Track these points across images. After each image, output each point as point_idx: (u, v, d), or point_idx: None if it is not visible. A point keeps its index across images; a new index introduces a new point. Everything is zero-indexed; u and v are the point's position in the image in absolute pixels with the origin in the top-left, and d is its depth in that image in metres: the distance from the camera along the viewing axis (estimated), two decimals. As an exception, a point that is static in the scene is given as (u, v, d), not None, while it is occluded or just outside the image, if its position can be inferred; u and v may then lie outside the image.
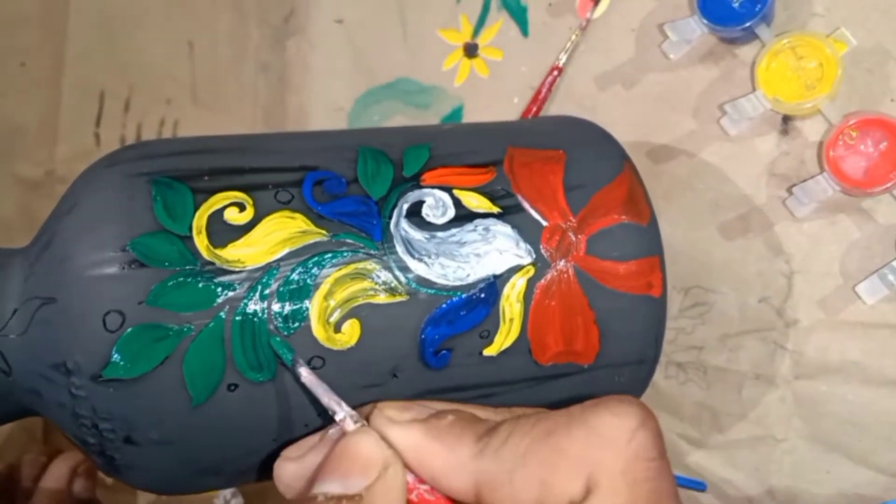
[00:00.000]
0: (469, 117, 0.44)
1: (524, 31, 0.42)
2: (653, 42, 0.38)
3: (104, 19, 0.56)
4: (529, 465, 0.20)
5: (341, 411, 0.22)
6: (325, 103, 0.48)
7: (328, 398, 0.22)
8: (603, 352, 0.27)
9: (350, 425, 0.22)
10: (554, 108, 0.41)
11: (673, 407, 0.37)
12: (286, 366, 0.23)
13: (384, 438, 0.22)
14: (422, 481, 0.22)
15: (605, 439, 0.20)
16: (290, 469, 0.22)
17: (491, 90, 0.43)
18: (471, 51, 0.43)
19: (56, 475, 0.46)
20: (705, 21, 0.34)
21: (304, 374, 0.22)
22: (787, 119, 0.34)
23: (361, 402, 0.24)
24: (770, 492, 0.35)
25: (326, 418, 0.24)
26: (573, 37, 0.40)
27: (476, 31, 0.43)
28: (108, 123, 0.56)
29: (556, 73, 0.40)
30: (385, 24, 0.45)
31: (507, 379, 0.26)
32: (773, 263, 0.34)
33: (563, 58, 0.40)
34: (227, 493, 0.44)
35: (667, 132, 0.38)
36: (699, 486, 0.37)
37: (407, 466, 0.22)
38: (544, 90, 0.40)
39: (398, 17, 0.45)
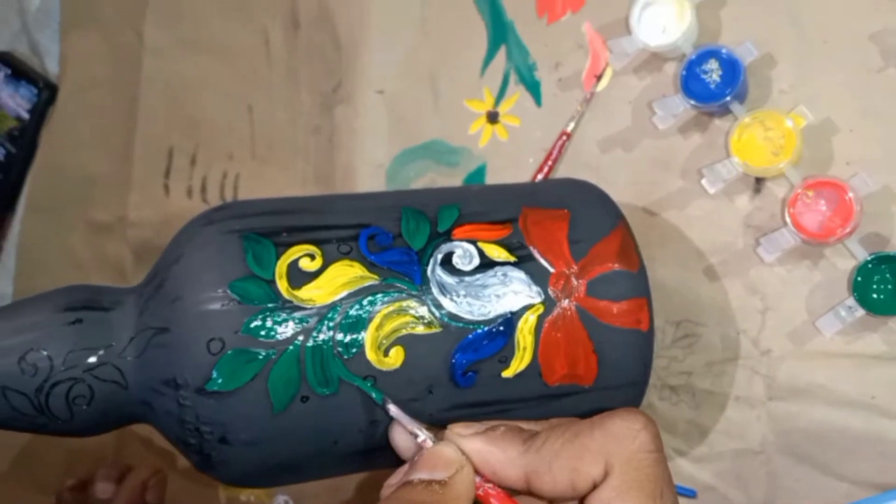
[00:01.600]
0: (491, 174, 0.49)
1: (538, 101, 0.47)
2: (646, 114, 0.43)
3: (173, 83, 0.62)
4: (563, 458, 0.28)
5: (422, 434, 0.29)
6: (368, 161, 0.53)
7: (412, 426, 0.29)
8: (601, 375, 0.32)
9: (429, 443, 0.28)
10: (563, 167, 0.46)
11: (667, 425, 0.42)
12: (376, 403, 0.29)
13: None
14: (487, 480, 0.28)
15: (618, 437, 0.28)
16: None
17: (510, 151, 0.48)
18: (493, 118, 0.49)
19: (131, 486, 0.52)
20: (689, 99, 0.40)
21: (393, 409, 0.29)
22: (759, 180, 0.39)
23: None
24: (749, 497, 0.39)
25: (376, 427, 0.29)
26: (579, 107, 0.45)
27: (497, 102, 0.49)
28: (176, 175, 0.61)
29: (564, 137, 0.46)
30: (420, 94, 0.51)
31: (522, 396, 0.31)
32: (750, 301, 0.39)
33: (571, 125, 0.45)
34: (280, 498, 0.50)
35: (660, 189, 0.42)
36: (689, 493, 0.42)
37: (474, 468, 0.28)
38: (555, 152, 0.46)
39: (431, 89, 0.51)
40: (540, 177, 0.46)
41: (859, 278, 0.35)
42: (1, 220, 0.71)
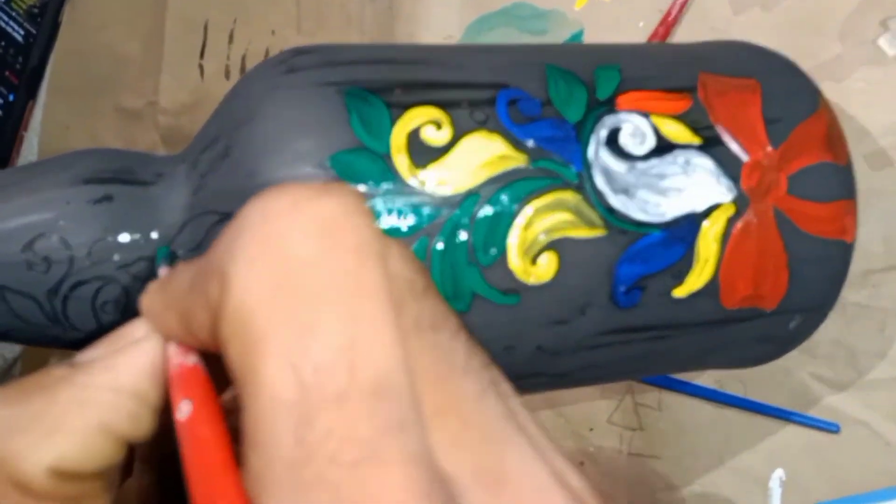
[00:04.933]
0: (590, 42, 0.39)
1: (654, -47, 0.37)
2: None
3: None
4: (196, 284, 0.14)
5: None
6: (435, 32, 0.44)
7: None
8: (787, 297, 0.24)
9: None
10: (682, 32, 0.37)
11: (804, 344, 0.34)
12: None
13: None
14: (182, 351, 0.15)
15: (242, 230, 0.13)
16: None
17: (614, 13, 0.39)
18: (595, -25, 0.39)
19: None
20: None
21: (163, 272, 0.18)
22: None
23: (545, 340, 0.21)
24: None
25: (512, 353, 0.21)
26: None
27: (602, -45, 0.39)
28: (212, 55, 0.52)
29: (688, -5, 0.36)
30: (502, -52, 0.41)
31: (688, 321, 0.23)
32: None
33: (697, -19, 0.36)
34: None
35: (810, 56, 0.33)
36: (831, 428, 0.34)
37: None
38: (674, 12, 0.36)
39: (518, -59, 0.41)
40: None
41: None
42: (22, 106, 0.63)
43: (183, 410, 0.13)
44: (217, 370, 0.14)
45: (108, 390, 0.14)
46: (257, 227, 0.13)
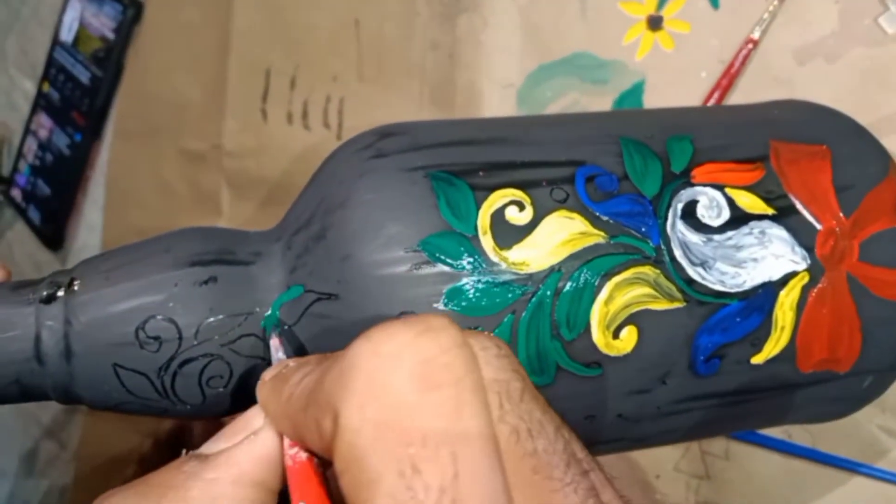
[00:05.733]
0: (651, 92, 0.40)
1: (714, 2, 0.38)
2: (858, 15, 0.33)
3: (268, -4, 0.54)
4: (310, 406, 0.16)
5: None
6: (496, 80, 0.44)
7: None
8: (861, 359, 0.24)
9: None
10: (745, 82, 0.37)
11: (873, 398, 0.34)
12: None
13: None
14: (294, 445, 0.17)
15: (352, 370, 0.15)
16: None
17: (676, 64, 0.39)
18: (655, 24, 0.39)
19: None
20: None
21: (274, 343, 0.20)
22: None
23: (627, 409, 0.22)
24: None
25: (592, 422, 0.22)
26: (770, 8, 0.35)
27: (661, 4, 0.39)
28: (274, 99, 0.54)
29: (750, 45, 0.36)
30: (561, -1, 0.42)
31: (767, 386, 0.23)
32: None
33: (758, 30, 0.36)
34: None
35: (876, 109, 0.33)
36: (900, 479, 0.34)
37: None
38: (737, 63, 0.36)
39: (576, -8, 0.41)
40: (716, 95, 0.37)
41: None
42: (88, 146, 0.65)
43: None
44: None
45: (233, 484, 0.15)
46: (364, 371, 0.14)
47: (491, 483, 0.13)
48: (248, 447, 0.16)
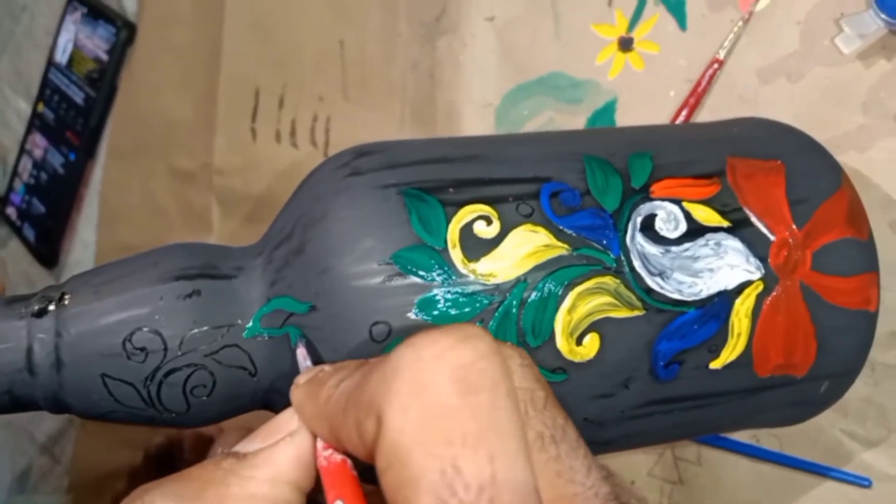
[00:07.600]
0: (623, 110, 0.41)
1: (682, 24, 0.39)
2: (818, 36, 0.35)
3: (258, 19, 0.54)
4: (351, 408, 0.17)
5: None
6: (474, 99, 0.45)
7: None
8: (817, 364, 0.25)
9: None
10: (712, 101, 0.38)
11: (837, 403, 0.34)
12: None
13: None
14: (328, 447, 0.18)
15: (395, 373, 0.15)
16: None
17: (646, 84, 0.40)
18: (626, 45, 0.41)
19: (229, 442, 0.47)
20: (881, 14, 0.31)
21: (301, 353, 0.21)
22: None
23: (592, 413, 0.23)
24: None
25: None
26: (735, 29, 0.37)
27: (632, 25, 0.40)
28: (263, 118, 0.55)
29: (716, 65, 0.37)
30: (537, 20, 0.43)
31: (725, 390, 0.24)
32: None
33: (723, 51, 0.37)
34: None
35: (834, 127, 0.34)
36: (863, 482, 0.35)
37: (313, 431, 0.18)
38: (704, 82, 0.38)
39: (551, 13, 0.43)
40: (684, 113, 0.38)
41: None
42: (82, 165, 0.66)
43: None
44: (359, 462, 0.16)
45: (270, 482, 0.17)
46: (408, 374, 0.15)
47: (525, 485, 0.14)
48: (285, 448, 0.17)
